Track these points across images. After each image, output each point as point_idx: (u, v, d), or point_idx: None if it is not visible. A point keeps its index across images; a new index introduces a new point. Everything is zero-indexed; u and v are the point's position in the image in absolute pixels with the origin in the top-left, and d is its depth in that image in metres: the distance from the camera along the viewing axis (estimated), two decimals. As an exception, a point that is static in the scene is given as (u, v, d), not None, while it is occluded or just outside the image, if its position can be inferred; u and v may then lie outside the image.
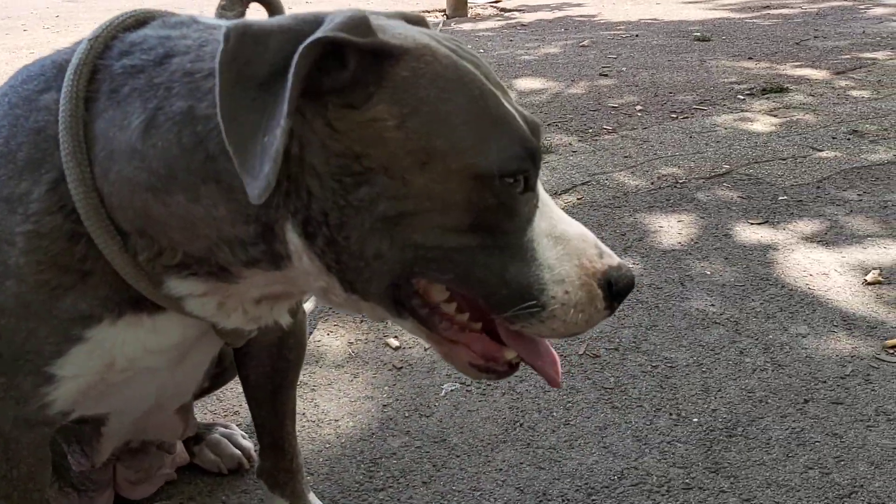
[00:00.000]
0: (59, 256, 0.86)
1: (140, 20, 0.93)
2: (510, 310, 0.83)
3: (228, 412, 1.97)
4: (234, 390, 1.96)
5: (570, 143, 3.87)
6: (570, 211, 3.04)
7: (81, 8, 8.81)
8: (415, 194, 0.77)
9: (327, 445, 1.83)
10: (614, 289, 0.87)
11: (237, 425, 1.85)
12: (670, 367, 2.09)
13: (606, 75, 5.25)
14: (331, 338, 2.24)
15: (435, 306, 0.87)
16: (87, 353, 0.95)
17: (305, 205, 0.77)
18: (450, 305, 0.88)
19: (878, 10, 7.79)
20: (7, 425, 1.00)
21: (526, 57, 5.96)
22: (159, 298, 0.89)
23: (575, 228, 0.88)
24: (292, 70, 0.70)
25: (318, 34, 0.72)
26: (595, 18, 7.80)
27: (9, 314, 0.90)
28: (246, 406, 1.51)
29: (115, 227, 0.85)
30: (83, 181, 0.83)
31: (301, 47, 0.71)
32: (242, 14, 1.06)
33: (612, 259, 0.88)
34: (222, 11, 1.03)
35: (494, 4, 8.88)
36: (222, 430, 1.77)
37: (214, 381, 1.52)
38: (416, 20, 0.95)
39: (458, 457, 1.79)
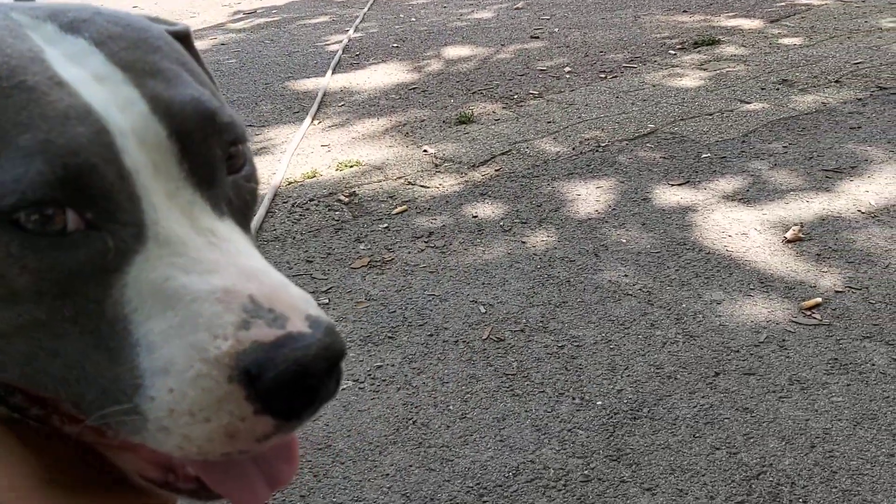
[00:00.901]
0: None
1: None
2: (95, 415, 0.52)
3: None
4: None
5: (493, 112, 3.71)
6: (487, 184, 2.90)
7: None
8: None
9: (200, 462, 1.68)
10: (261, 383, 0.49)
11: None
12: (577, 346, 1.97)
13: (537, 37, 5.09)
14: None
15: (54, 403, 0.57)
16: None
17: None
18: None
19: (817, -45, 7.67)
20: None
21: (457, 23, 5.77)
22: None
23: (212, 280, 0.52)
24: None
25: None
26: (532, -21, 7.61)
27: None
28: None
29: None
30: None
31: None
32: None
33: (271, 329, 0.51)
34: None
35: (431, -29, 8.64)
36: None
37: None
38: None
39: (342, 464, 1.65)
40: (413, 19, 6.13)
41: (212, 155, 0.57)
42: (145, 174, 0.54)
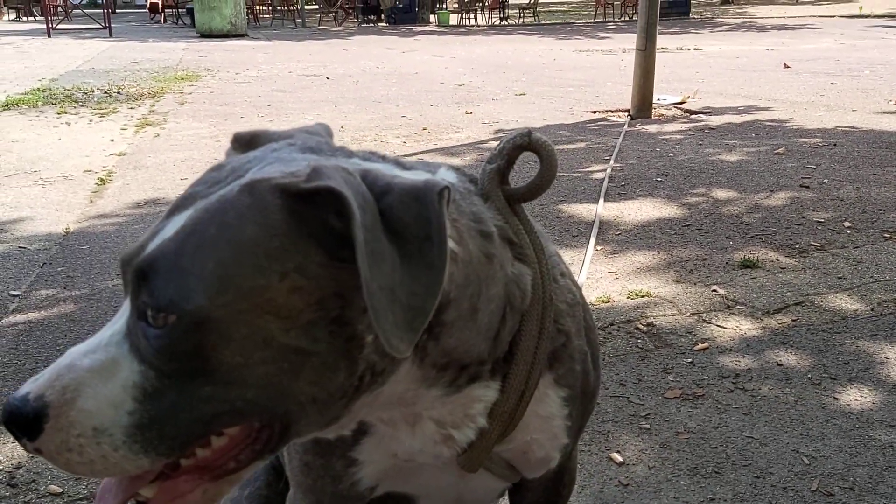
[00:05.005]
0: None
1: None
2: None
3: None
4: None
5: (776, 259, 3.81)
6: (787, 333, 3.00)
7: (290, 98, 9.62)
8: None
9: (564, 559, 1.87)
10: None
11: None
12: (915, 515, 2.00)
13: (807, 187, 5.14)
14: (554, 446, 2.30)
15: None
16: (375, 444, 1.11)
17: None
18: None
19: None
20: (327, 498, 1.19)
21: (718, 163, 5.93)
22: None
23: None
24: None
25: None
26: (787, 124, 7.65)
27: None
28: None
29: None
30: None
31: None
32: None
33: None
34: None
35: (679, 106, 8.92)
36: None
37: None
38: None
39: (695, 587, 1.78)
40: (670, 154, 6.36)
41: (137, 299, 0.84)
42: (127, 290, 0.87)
